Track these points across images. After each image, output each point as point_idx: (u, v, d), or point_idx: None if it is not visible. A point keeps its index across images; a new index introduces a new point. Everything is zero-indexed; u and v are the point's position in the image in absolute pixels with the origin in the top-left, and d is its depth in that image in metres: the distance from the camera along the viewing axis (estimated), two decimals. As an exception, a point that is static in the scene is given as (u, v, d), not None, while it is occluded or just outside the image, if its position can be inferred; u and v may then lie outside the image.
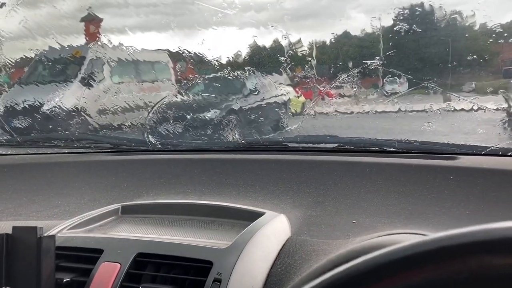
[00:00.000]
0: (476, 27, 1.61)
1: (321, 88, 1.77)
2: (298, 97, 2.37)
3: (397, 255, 0.41)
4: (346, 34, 2.18)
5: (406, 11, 1.71)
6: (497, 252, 0.39)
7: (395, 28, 1.67)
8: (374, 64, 1.58)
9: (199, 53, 1.99)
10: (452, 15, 1.67)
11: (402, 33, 1.66)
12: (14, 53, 2.16)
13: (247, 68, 2.21)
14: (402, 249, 0.41)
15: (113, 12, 2.42)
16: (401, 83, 1.68)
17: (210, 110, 2.09)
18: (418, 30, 1.71)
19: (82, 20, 2.59)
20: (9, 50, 2.08)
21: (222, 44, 2.09)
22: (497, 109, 1.45)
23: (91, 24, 2.59)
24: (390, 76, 1.66)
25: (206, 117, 2.04)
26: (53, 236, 0.85)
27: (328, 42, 2.12)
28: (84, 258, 0.94)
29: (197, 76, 2.20)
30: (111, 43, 2.18)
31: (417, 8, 1.71)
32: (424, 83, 1.57)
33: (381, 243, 0.80)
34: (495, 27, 1.51)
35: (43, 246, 0.84)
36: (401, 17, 1.70)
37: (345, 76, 1.65)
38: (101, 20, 2.56)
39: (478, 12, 1.54)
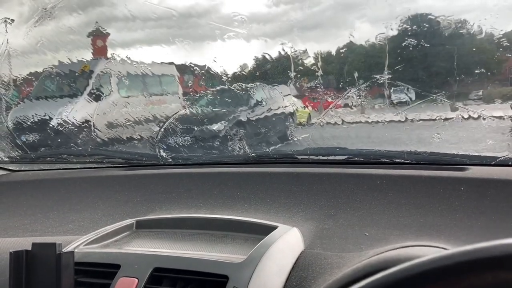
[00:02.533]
0: (483, 38, 1.63)
1: (329, 99, 1.79)
2: (304, 108, 2.39)
3: (429, 266, 0.42)
4: (353, 46, 2.20)
5: (413, 23, 1.73)
6: None
7: (402, 40, 1.69)
8: (383, 78, 1.60)
9: (207, 66, 2.01)
10: (459, 25, 1.69)
11: (410, 45, 1.67)
12: (24, 68, 2.20)
13: (255, 81, 2.23)
14: (431, 260, 0.43)
15: (123, 26, 2.46)
16: (409, 93, 1.70)
17: (220, 123, 2.12)
18: (426, 41, 1.72)
19: (90, 35, 2.63)
20: (19, 65, 2.12)
21: (230, 57, 2.12)
22: (506, 119, 1.46)
23: (99, 39, 2.63)
24: (398, 85, 1.68)
25: (216, 130, 2.07)
26: (72, 252, 0.87)
27: (335, 54, 2.14)
28: (102, 273, 0.95)
29: (207, 90, 2.23)
30: (119, 57, 2.21)
31: (424, 20, 1.73)
32: (432, 96, 1.58)
33: (396, 256, 0.81)
34: (502, 37, 1.53)
35: (62, 262, 0.85)
36: (408, 30, 1.72)
37: (354, 89, 1.67)
38: (108, 34, 2.60)
39: (485, 22, 1.56)
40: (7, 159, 1.86)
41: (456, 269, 0.41)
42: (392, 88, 1.74)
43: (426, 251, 0.89)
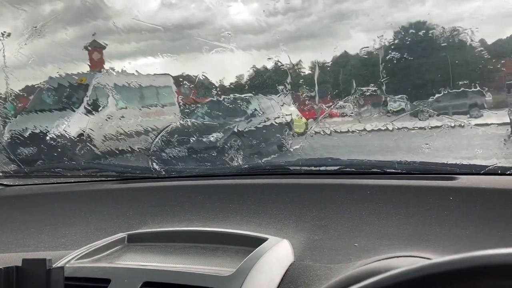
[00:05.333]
0: (474, 47, 1.65)
1: (323, 109, 1.80)
2: (301, 118, 2.41)
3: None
4: (345, 57, 2.22)
5: (405, 33, 1.75)
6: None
7: (393, 51, 1.70)
8: (372, 89, 1.62)
9: (202, 78, 2.03)
10: (452, 35, 1.71)
11: (401, 55, 1.69)
12: (20, 83, 2.21)
13: (249, 91, 2.25)
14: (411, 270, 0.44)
15: (117, 39, 2.48)
16: (401, 104, 1.71)
17: (213, 135, 2.13)
18: (417, 51, 1.74)
19: (86, 48, 2.65)
20: (15, 80, 2.13)
21: (223, 68, 2.14)
22: (493, 127, 1.48)
23: (95, 51, 2.65)
24: (391, 97, 1.70)
25: (209, 142, 2.08)
26: (62, 268, 0.87)
27: (326, 65, 2.16)
28: (92, 288, 0.96)
29: (201, 101, 2.24)
30: (115, 70, 2.22)
31: (416, 30, 1.75)
32: (422, 105, 1.60)
33: (378, 268, 0.82)
34: (492, 46, 1.55)
35: (52, 278, 0.86)
36: (400, 39, 1.74)
37: (342, 101, 1.69)
38: (104, 47, 2.61)
39: (476, 33, 1.58)
40: (0, 174, 1.87)
41: (426, 281, 0.42)
42: (386, 97, 1.75)
43: (412, 261, 0.89)
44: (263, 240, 1.08)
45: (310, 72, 1.99)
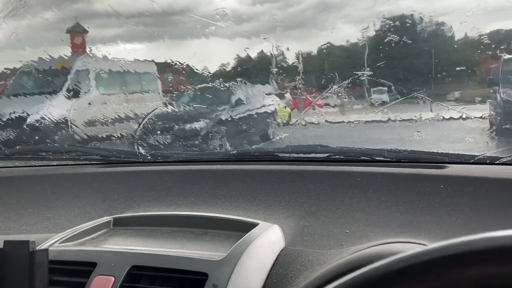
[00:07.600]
0: (462, 38, 1.65)
1: (311, 98, 1.79)
2: (285, 107, 2.39)
3: (406, 263, 0.41)
4: (335, 45, 2.20)
5: (394, 22, 1.74)
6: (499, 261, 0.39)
7: (383, 39, 1.69)
8: (363, 75, 1.60)
9: (188, 64, 1.99)
10: (439, 26, 1.71)
11: (390, 44, 1.68)
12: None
13: (236, 78, 2.22)
14: (409, 257, 0.42)
15: (102, 22, 2.41)
16: (390, 93, 1.71)
17: (201, 120, 2.10)
18: (406, 41, 1.73)
19: (69, 31, 2.58)
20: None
21: (211, 55, 2.10)
22: (484, 118, 1.48)
23: (78, 35, 2.58)
24: (379, 86, 1.69)
25: (197, 127, 2.05)
26: (46, 250, 0.84)
27: (316, 53, 2.14)
28: (78, 271, 0.93)
29: (187, 87, 2.20)
30: (98, 54, 2.17)
31: (404, 19, 1.74)
32: (412, 93, 1.59)
33: (378, 252, 0.81)
34: (480, 37, 1.55)
35: (36, 260, 0.82)
36: (389, 28, 1.73)
37: (335, 86, 1.67)
38: (87, 31, 2.54)
39: (464, 23, 1.57)
40: (-20, 156, 1.81)
41: (437, 264, 0.40)
42: (373, 88, 1.74)
43: (407, 247, 0.89)
44: (254, 225, 1.06)
45: (298, 61, 1.97)
